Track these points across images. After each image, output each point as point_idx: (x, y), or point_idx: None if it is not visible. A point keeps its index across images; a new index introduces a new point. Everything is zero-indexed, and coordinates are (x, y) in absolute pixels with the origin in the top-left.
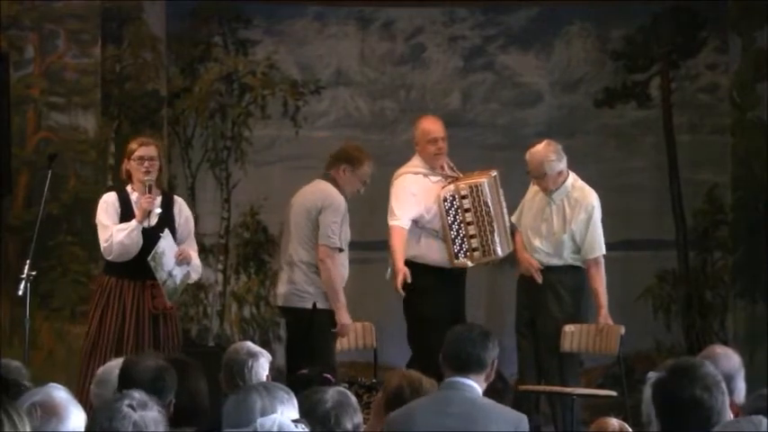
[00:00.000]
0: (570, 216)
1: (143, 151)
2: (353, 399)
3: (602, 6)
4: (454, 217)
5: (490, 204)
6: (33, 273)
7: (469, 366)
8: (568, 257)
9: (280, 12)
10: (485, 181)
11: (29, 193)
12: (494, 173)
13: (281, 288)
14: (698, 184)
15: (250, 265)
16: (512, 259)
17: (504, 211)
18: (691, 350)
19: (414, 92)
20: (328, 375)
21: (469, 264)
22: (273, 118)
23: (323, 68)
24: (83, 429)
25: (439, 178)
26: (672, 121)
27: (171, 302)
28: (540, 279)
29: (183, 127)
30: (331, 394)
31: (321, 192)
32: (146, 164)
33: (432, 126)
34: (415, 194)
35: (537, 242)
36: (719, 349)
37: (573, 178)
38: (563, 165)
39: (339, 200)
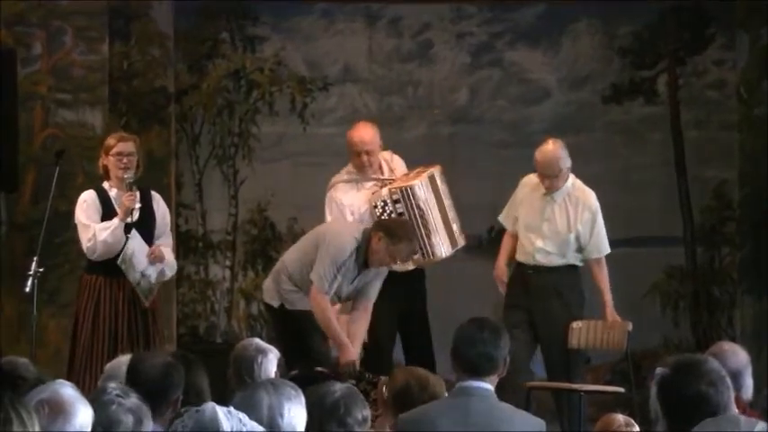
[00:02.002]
0: (574, 215)
1: (121, 147)
2: (360, 394)
3: (609, 3)
4: None
5: (423, 207)
6: (40, 270)
7: (482, 368)
8: (571, 257)
9: (287, 9)
10: (416, 183)
11: (36, 190)
12: (431, 171)
13: (266, 282)
14: (705, 181)
15: (257, 261)
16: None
17: (448, 206)
18: (698, 346)
19: (421, 88)
20: (321, 369)
21: (410, 267)
22: (281, 115)
23: (330, 65)
24: (90, 427)
25: (372, 183)
26: (679, 118)
27: (147, 302)
28: (503, 291)
29: (191, 124)
30: (339, 386)
31: (336, 235)
32: (124, 160)
33: (356, 137)
34: (345, 205)
35: (539, 242)
36: (727, 346)
37: (572, 177)
38: (570, 162)
39: (342, 252)
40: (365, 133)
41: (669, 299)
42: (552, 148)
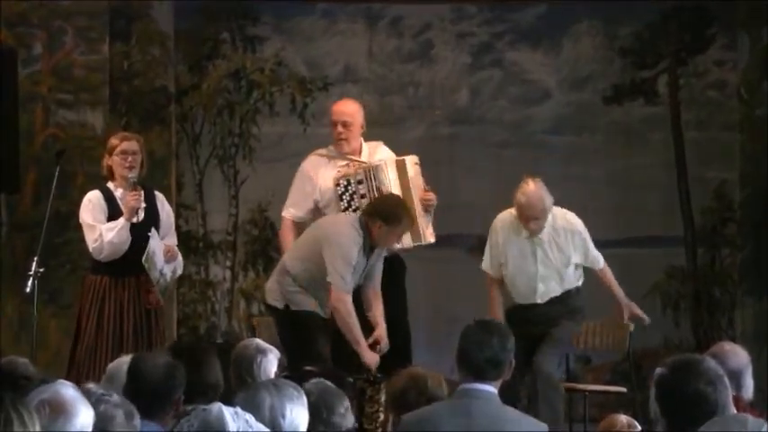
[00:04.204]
0: (567, 247)
1: (126, 146)
2: (332, 385)
3: (610, 4)
4: (348, 203)
5: (384, 190)
6: (41, 270)
7: (487, 372)
8: (570, 283)
9: (288, 9)
10: (380, 164)
11: (37, 191)
12: (403, 158)
13: (268, 283)
14: (706, 181)
15: (258, 261)
16: None
17: (419, 197)
18: (699, 347)
19: (422, 89)
20: (311, 368)
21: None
22: (281, 115)
23: (331, 65)
24: (91, 427)
25: (346, 163)
26: (680, 118)
27: (162, 301)
28: None
29: (191, 124)
30: (309, 388)
31: (338, 236)
32: (129, 159)
33: (335, 108)
34: (311, 178)
35: (541, 286)
36: (727, 346)
37: None
38: (552, 198)
39: (351, 251)
40: (345, 106)
41: (670, 299)
42: (534, 188)
